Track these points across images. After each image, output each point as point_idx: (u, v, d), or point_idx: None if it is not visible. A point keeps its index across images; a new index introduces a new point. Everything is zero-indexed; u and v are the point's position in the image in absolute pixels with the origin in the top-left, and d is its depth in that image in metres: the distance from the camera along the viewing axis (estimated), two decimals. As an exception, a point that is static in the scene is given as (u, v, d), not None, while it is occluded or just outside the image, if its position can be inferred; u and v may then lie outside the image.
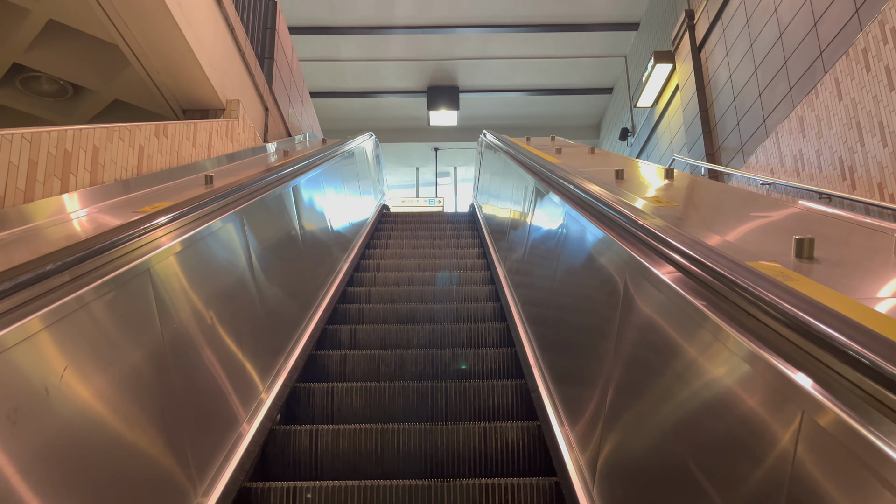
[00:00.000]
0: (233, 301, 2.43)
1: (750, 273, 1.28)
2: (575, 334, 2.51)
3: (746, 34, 7.28)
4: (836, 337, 0.93)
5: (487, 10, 10.99)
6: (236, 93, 5.00)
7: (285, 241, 3.35)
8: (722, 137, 7.99)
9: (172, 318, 1.85)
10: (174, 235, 2.05)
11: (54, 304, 1.32)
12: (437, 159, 15.58)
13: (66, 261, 1.44)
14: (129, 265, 1.61)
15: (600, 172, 3.86)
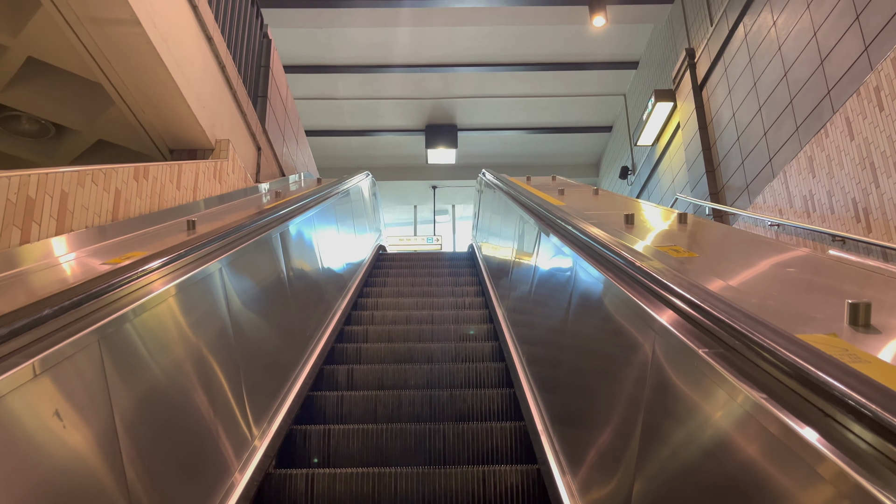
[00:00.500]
0: (217, 351, 2.22)
1: (816, 357, 1.05)
2: (581, 387, 2.29)
3: (749, 73, 7.17)
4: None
5: (485, 48, 10.94)
6: (226, 132, 4.82)
7: (273, 287, 3.13)
8: (726, 176, 7.83)
9: (138, 383, 1.63)
10: (138, 296, 1.82)
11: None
12: (436, 197, 15.43)
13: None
14: (72, 337, 1.37)
15: (608, 216, 3.65)
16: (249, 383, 2.50)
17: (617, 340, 2.03)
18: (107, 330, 1.55)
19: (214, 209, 3.91)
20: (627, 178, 11.79)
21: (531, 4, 9.45)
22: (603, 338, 2.23)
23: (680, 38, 9.27)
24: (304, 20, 9.73)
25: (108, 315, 1.58)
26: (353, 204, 6.33)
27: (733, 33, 7.59)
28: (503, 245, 5.07)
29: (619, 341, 1.99)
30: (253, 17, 5.81)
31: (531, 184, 6.68)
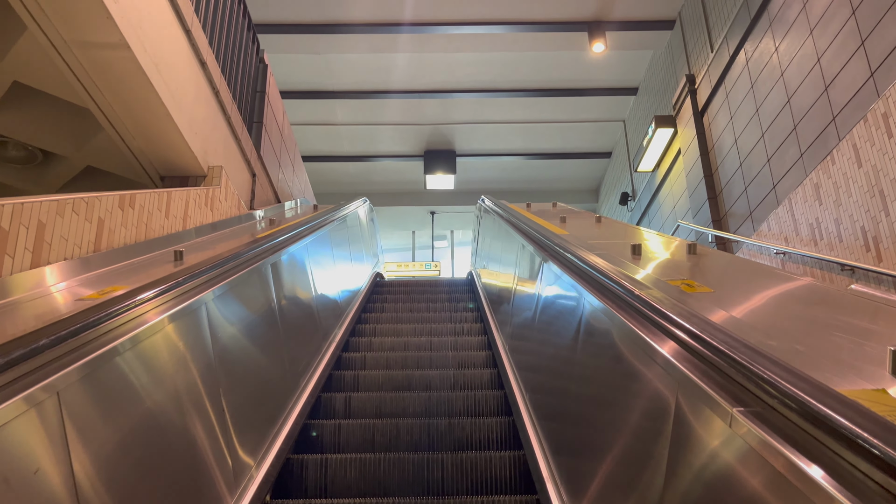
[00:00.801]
0: (203, 386, 2.08)
1: (878, 425, 0.90)
2: (586, 421, 2.13)
3: (752, 99, 7.09)
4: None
5: (484, 74, 10.90)
6: (219, 158, 4.70)
7: (263, 318, 2.98)
8: (729, 203, 7.72)
9: (108, 432, 1.48)
10: (109, 339, 1.67)
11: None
12: (434, 223, 15.32)
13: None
14: (26, 391, 1.22)
15: (613, 246, 3.52)
16: (240, 416, 2.36)
17: (630, 383, 1.88)
18: (70, 379, 1.40)
19: (205, 238, 3.77)
20: (627, 205, 11.69)
21: (530, 31, 9.42)
22: (613, 377, 2.09)
23: (680, 64, 9.23)
24: (303, 46, 9.69)
25: (73, 362, 1.43)
26: (350, 231, 6.20)
27: (734, 59, 7.53)
28: (503, 273, 4.93)
29: (633, 385, 1.84)
30: (249, 41, 5.72)
31: (531, 210, 6.56)
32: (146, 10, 3.50)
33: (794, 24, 6.23)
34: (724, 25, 7.82)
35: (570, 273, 2.65)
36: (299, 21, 9.28)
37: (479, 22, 9.31)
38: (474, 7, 9.07)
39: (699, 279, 2.51)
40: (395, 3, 8.98)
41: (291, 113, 11.85)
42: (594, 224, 4.81)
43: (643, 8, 9.17)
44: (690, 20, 8.84)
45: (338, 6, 9.02)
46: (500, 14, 9.22)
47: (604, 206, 14.00)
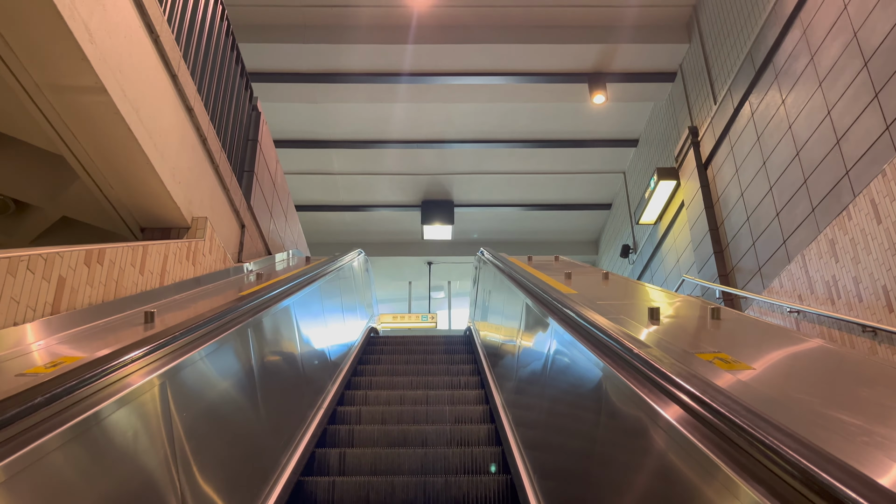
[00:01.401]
0: (176, 466, 1.75)
1: None
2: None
3: (758, 151, 6.91)
4: None
5: (483, 125, 10.79)
6: (205, 209, 4.44)
7: (243, 386, 2.67)
8: (736, 258, 7.47)
9: None
10: (43, 430, 1.37)
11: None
12: (431, 274, 15.05)
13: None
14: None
15: (626, 308, 3.23)
16: (233, 473, 2.03)
17: (664, 475, 1.57)
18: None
19: (183, 295, 3.48)
20: (629, 257, 11.45)
21: (530, 82, 9.33)
22: (640, 461, 1.78)
23: (682, 115, 9.11)
24: (299, 95, 9.58)
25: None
26: (344, 284, 5.91)
27: (739, 111, 7.39)
28: (505, 333, 4.62)
29: (668, 476, 1.54)
30: (241, 88, 5.54)
31: (532, 264, 6.30)
32: (127, 52, 3.28)
33: (802, 77, 6.08)
34: (727, 77, 7.71)
35: (586, 342, 2.36)
36: (296, 70, 9.18)
37: (478, 72, 9.23)
38: (474, 58, 8.99)
39: (732, 352, 2.22)
40: (394, 52, 8.89)
41: (287, 162, 11.70)
42: (601, 281, 4.53)
43: (644, 60, 9.10)
44: (692, 72, 8.75)
45: (336, 56, 8.93)
46: (500, 65, 9.14)
47: (604, 257, 13.76)
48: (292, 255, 6.71)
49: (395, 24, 8.82)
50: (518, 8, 8.69)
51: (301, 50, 8.84)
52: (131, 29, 3.34)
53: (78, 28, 2.82)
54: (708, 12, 8.26)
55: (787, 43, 6.38)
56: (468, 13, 8.73)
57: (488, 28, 8.85)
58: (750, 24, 7.18)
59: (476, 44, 8.83)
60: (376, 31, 8.83)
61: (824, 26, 5.75)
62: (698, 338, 2.47)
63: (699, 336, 2.52)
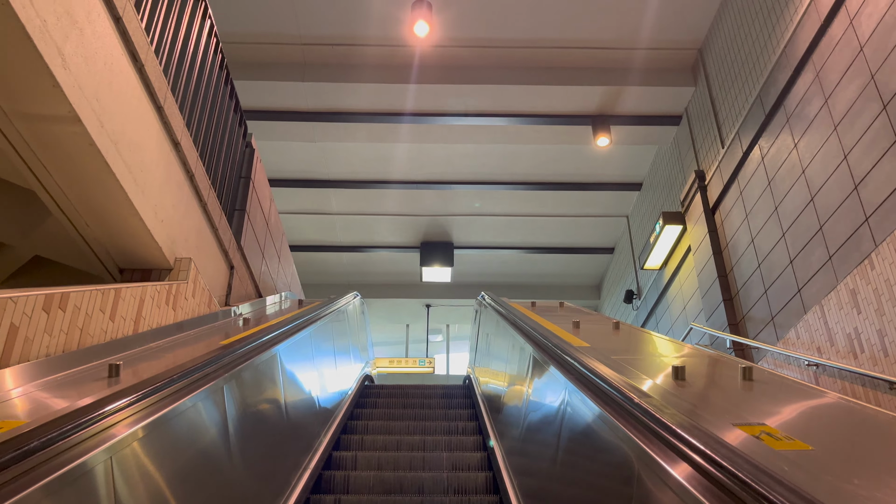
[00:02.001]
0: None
1: None
2: None
3: (769, 196, 6.69)
4: None
5: (484, 166, 10.61)
6: (191, 249, 4.17)
7: (214, 452, 2.36)
8: (746, 306, 7.18)
9: None
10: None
11: None
12: (429, 317, 14.71)
13: None
14: None
15: (646, 364, 2.94)
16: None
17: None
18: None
19: (158, 344, 3.18)
20: (633, 303, 11.15)
21: (532, 123, 9.17)
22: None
23: (688, 159, 8.92)
24: (299, 134, 9.40)
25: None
26: (337, 329, 5.61)
27: (748, 156, 7.20)
28: (510, 386, 4.30)
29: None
30: (235, 124, 5.32)
31: (536, 311, 6.01)
32: (106, 81, 3.05)
33: (816, 121, 5.89)
34: (735, 121, 7.54)
35: (608, 409, 2.07)
36: (296, 108, 9.02)
37: (480, 113, 9.07)
38: (476, 98, 8.84)
39: (779, 423, 1.92)
40: (395, 92, 8.74)
41: (285, 201, 11.49)
42: (612, 331, 4.23)
43: (649, 103, 8.96)
44: (699, 116, 8.59)
45: (336, 95, 8.78)
46: (502, 106, 8.99)
47: (606, 303, 13.46)
48: (284, 297, 6.42)
49: (397, 63, 8.69)
50: (521, 49, 8.57)
51: (301, 88, 8.69)
52: (112, 56, 3.11)
53: (50, 52, 2.59)
54: (714, 55, 8.13)
55: (799, 86, 6.21)
56: (471, 53, 8.62)
57: (491, 69, 8.72)
58: (759, 67, 7.03)
59: (478, 84, 8.69)
60: (378, 71, 8.70)
61: (839, 69, 5.57)
62: (735, 404, 2.17)
63: (735, 401, 2.22)
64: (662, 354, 3.14)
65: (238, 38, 8.43)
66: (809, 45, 6.00)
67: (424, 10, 7.43)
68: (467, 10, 8.06)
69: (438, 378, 14.15)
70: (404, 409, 5.36)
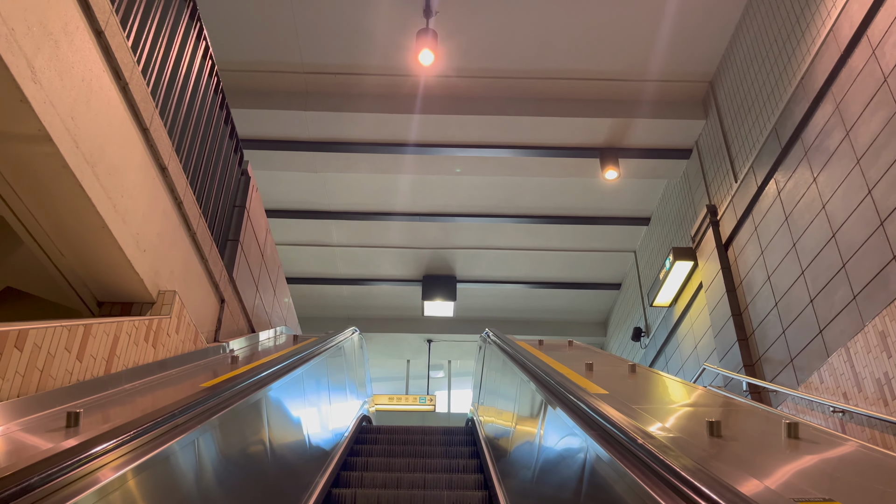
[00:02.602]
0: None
1: None
2: None
3: (786, 232, 6.41)
4: None
5: (488, 199, 10.38)
6: (176, 281, 3.89)
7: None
8: (762, 347, 6.85)
9: None
10: None
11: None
12: (430, 352, 14.34)
13: None
14: None
15: (676, 416, 2.63)
16: None
17: None
18: None
19: (132, 385, 2.88)
20: (640, 341, 10.81)
21: (539, 155, 8.96)
22: None
23: (699, 193, 8.68)
24: (299, 164, 9.19)
25: None
26: (333, 367, 5.30)
27: (763, 190, 6.94)
28: (518, 435, 3.98)
29: None
30: (230, 150, 5.08)
31: (544, 350, 5.69)
32: (84, 98, 2.81)
33: (837, 154, 5.64)
34: (748, 154, 7.30)
35: (638, 472, 1.76)
36: (297, 138, 8.82)
37: (485, 145, 8.86)
38: (481, 129, 8.64)
39: (845, 496, 1.61)
40: (398, 122, 8.55)
41: (284, 232, 11.25)
42: (629, 375, 3.92)
43: (658, 136, 8.75)
44: (710, 149, 8.37)
45: (338, 124, 8.59)
46: (508, 137, 8.79)
47: (613, 340, 13.11)
48: (279, 333, 6.12)
49: (401, 93, 8.52)
50: (528, 80, 8.40)
51: (302, 118, 8.50)
52: (92, 72, 2.87)
53: (18, 64, 2.34)
54: (726, 88, 7.94)
55: (818, 118, 5.98)
56: (476, 84, 8.44)
57: (497, 99, 8.54)
58: (773, 99, 6.82)
59: (484, 115, 8.50)
60: (381, 101, 8.52)
61: (861, 100, 5.35)
62: (789, 471, 1.86)
63: (787, 467, 1.91)
64: (689, 403, 2.83)
65: (239, 67, 8.28)
66: (829, 75, 5.79)
67: (430, 38, 7.27)
68: (473, 39, 7.90)
69: (439, 417, 13.74)
70: (403, 457, 5.01)
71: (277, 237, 11.34)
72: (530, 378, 3.79)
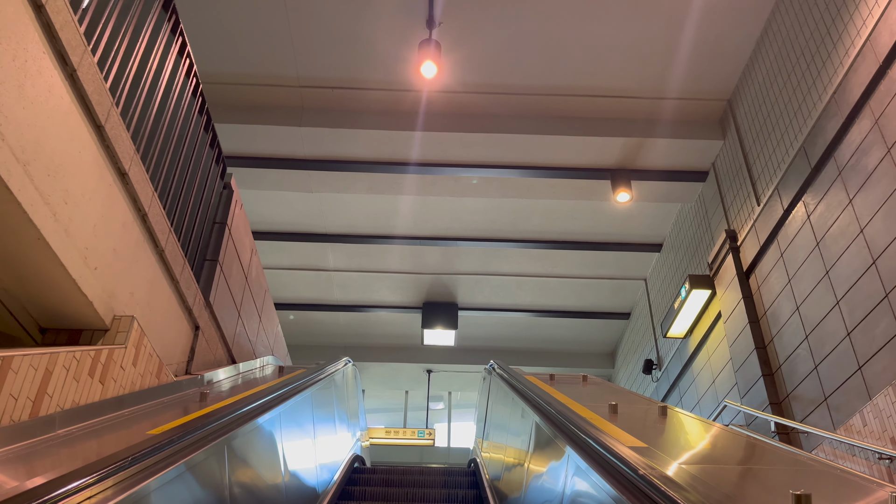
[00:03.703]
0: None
1: None
2: None
3: (818, 259, 5.90)
4: None
5: (493, 222, 9.88)
6: (138, 306, 3.37)
7: None
8: (791, 383, 6.30)
9: None
10: None
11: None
12: (430, 383, 13.73)
13: None
14: None
15: (747, 482, 2.09)
16: None
17: None
18: None
19: (57, 434, 2.34)
20: (652, 374, 10.23)
21: (546, 176, 8.48)
22: None
23: (716, 218, 8.18)
24: (294, 183, 8.71)
25: None
26: (321, 402, 4.75)
27: (790, 213, 6.44)
28: (533, 494, 3.42)
29: None
30: (210, 160, 4.59)
31: (556, 385, 5.14)
32: (16, 83, 2.32)
33: (876, 173, 5.16)
34: (772, 176, 6.82)
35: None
36: (292, 155, 8.35)
37: (490, 165, 8.39)
38: (486, 148, 8.18)
39: None
40: (399, 140, 8.09)
41: (278, 255, 10.74)
42: (659, 418, 3.37)
43: (672, 157, 8.28)
44: (729, 170, 7.89)
45: (335, 141, 8.13)
46: (514, 157, 8.32)
47: (621, 372, 12.51)
48: (265, 363, 5.57)
49: (402, 109, 8.07)
50: (536, 96, 7.96)
51: (298, 134, 8.04)
52: (27, 51, 2.39)
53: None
54: (746, 106, 7.49)
55: (854, 135, 5.50)
56: (481, 100, 8.00)
57: (503, 117, 8.09)
58: (801, 116, 6.35)
59: (489, 133, 8.04)
60: (380, 117, 8.08)
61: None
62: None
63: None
64: (754, 463, 2.30)
65: (231, 80, 7.85)
66: (865, 88, 5.33)
67: (432, 49, 6.83)
68: (478, 51, 7.47)
69: (439, 452, 13.08)
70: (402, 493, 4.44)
71: (270, 261, 10.83)
72: (546, 421, 3.25)
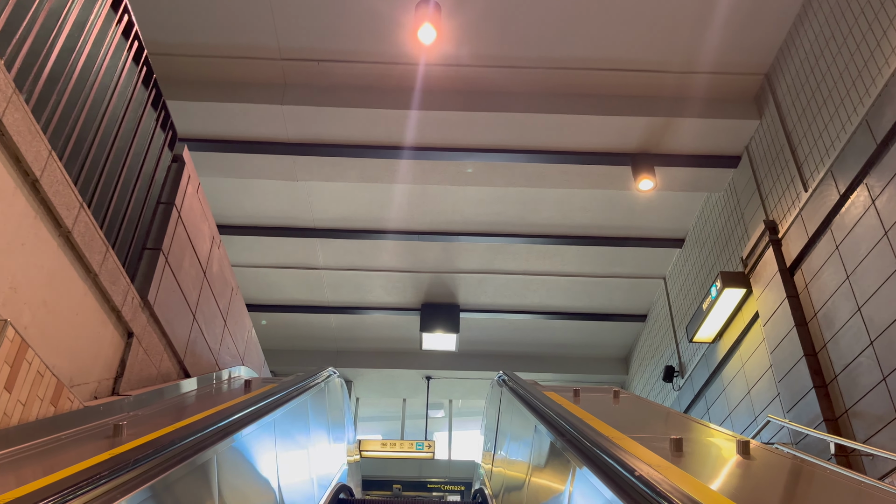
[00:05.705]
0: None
1: None
2: None
3: (887, 250, 4.98)
4: None
5: (498, 214, 8.95)
6: (24, 305, 2.44)
7: None
8: (850, 397, 5.37)
9: None
10: None
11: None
12: (430, 390, 12.79)
13: None
14: None
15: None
16: None
17: None
18: None
19: None
20: (673, 382, 9.30)
21: (558, 162, 7.56)
22: None
23: (751, 207, 7.26)
24: (277, 170, 7.79)
25: None
26: (295, 425, 3.83)
27: (848, 198, 5.52)
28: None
29: None
30: (151, 122, 3.66)
31: (581, 401, 4.22)
32: None
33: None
34: (824, 156, 5.90)
35: None
36: (274, 138, 7.43)
37: (495, 149, 7.47)
38: (491, 129, 7.25)
39: None
40: (393, 120, 7.18)
41: (262, 253, 9.81)
42: (739, 457, 2.44)
43: (699, 140, 7.35)
44: (767, 153, 6.97)
45: (323, 121, 7.21)
46: (523, 140, 7.39)
47: (636, 379, 11.58)
48: (232, 376, 4.64)
49: (396, 85, 7.15)
50: (548, 70, 7.03)
51: (280, 113, 7.13)
52: None
53: None
54: (790, 78, 6.56)
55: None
56: (486, 74, 7.08)
57: (510, 94, 7.17)
58: (860, 85, 5.44)
59: (494, 112, 7.13)
60: (372, 94, 7.16)
61: None
62: None
63: None
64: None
65: (202, 51, 6.93)
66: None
67: (431, 10, 5.92)
68: (482, 16, 6.55)
69: (439, 465, 12.13)
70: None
71: (254, 258, 9.91)
72: (588, 465, 2.33)
